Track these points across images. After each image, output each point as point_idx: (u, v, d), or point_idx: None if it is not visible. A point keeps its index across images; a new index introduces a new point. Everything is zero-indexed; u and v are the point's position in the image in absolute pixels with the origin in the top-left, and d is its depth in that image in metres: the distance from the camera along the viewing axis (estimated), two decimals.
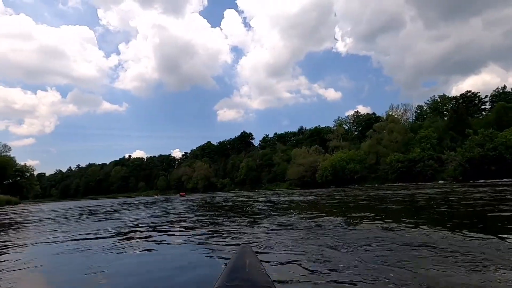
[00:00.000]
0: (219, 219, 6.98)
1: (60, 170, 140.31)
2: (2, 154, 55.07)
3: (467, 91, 58.41)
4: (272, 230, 4.70)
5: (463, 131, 40.43)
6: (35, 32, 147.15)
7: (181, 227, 6.08)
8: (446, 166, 36.04)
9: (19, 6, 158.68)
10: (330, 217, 5.97)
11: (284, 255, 2.98)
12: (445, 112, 59.34)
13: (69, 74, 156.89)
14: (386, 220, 5.10)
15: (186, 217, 8.40)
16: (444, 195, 11.47)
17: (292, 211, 8.26)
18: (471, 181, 29.29)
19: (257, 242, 3.71)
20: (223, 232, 4.74)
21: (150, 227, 6.23)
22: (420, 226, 4.27)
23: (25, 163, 60.39)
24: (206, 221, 6.74)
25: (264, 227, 5.09)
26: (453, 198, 9.48)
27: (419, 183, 36.71)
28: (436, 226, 4.18)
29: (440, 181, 34.08)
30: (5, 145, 57.91)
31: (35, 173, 72.15)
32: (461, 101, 57.92)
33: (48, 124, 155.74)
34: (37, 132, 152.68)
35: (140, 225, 6.67)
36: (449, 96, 61.71)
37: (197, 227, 5.79)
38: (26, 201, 74.34)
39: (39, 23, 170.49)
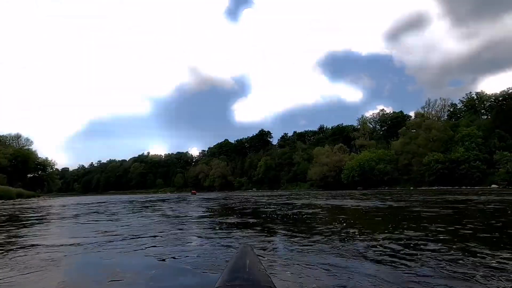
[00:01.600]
0: (229, 234, 4.38)
1: (83, 166, 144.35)
2: (24, 148, 55.75)
3: (509, 87, 53.05)
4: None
5: None
6: None
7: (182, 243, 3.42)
8: (497, 168, 31.28)
9: None
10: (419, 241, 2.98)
11: None
12: (482, 111, 55.42)
13: None
14: None
15: (188, 225, 5.72)
16: None
17: (340, 224, 5.32)
18: None
19: None
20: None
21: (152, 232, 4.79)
22: None
23: (46, 157, 60.27)
24: (210, 237, 4.02)
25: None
26: None
27: (463, 187, 32.18)
28: None
29: (493, 186, 29.41)
30: (27, 139, 58.67)
31: (60, 167, 73.41)
32: (501, 98, 52.66)
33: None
34: None
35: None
36: (487, 93, 56.46)
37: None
38: (50, 194, 76.24)
39: None
